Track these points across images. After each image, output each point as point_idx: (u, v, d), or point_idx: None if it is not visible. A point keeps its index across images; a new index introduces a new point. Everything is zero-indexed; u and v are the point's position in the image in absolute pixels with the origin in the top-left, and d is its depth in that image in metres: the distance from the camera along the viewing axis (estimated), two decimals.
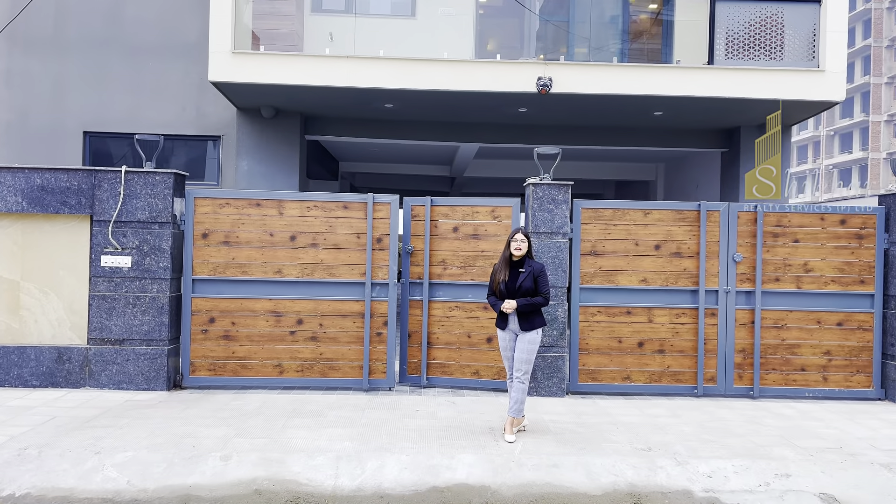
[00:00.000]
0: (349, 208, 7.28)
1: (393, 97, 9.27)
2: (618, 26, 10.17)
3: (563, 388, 7.14)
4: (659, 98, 9.06)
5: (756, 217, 7.28)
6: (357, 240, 7.25)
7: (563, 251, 7.15)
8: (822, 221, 7.31)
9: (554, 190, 7.15)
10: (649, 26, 10.42)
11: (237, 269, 7.20)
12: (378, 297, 7.24)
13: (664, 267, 7.29)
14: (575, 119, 10.46)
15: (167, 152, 10.67)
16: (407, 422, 6.03)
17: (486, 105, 9.63)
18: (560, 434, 5.77)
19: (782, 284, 7.29)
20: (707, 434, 5.86)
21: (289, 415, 6.18)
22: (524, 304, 5.51)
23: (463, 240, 7.37)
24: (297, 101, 9.68)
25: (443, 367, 7.40)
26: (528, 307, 5.52)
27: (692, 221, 7.30)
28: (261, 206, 7.24)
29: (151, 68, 10.55)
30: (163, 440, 5.36)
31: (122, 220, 6.97)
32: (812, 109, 9.35)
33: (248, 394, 6.97)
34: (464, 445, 5.40)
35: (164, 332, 6.97)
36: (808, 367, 7.28)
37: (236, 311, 7.19)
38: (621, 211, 7.31)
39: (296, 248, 7.23)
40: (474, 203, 7.39)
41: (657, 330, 7.27)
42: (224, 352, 7.18)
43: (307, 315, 7.21)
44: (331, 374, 7.23)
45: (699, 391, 7.22)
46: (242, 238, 7.21)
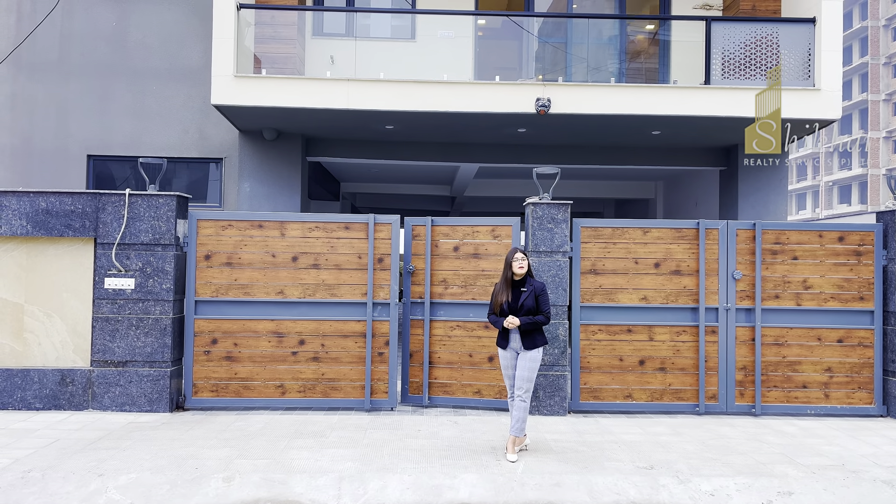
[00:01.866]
0: (351, 229, 7.34)
1: (393, 119, 9.37)
2: (615, 47, 10.32)
3: (565, 407, 7.15)
4: (656, 117, 9.15)
5: (755, 234, 7.33)
6: (358, 260, 7.30)
7: (564, 270, 7.20)
8: (821, 238, 7.36)
9: (553, 209, 7.22)
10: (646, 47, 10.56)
11: (239, 291, 7.25)
12: (380, 316, 7.27)
13: (664, 285, 7.33)
14: (574, 139, 10.56)
15: (170, 174, 10.76)
16: (409, 442, 6.04)
17: (485, 125, 9.73)
18: (562, 453, 5.78)
19: (782, 301, 7.32)
20: (709, 452, 5.86)
21: (291, 435, 6.19)
22: (527, 322, 5.54)
23: (464, 259, 7.42)
24: (298, 124, 9.79)
25: (444, 387, 7.42)
26: (531, 325, 5.56)
27: (691, 239, 7.36)
28: (263, 228, 7.30)
29: (154, 92, 10.68)
30: (166, 462, 5.37)
31: (125, 243, 7.03)
32: (808, 127, 9.44)
33: (250, 415, 6.98)
34: (466, 465, 5.41)
35: (167, 354, 7.00)
36: (809, 384, 7.29)
37: (239, 332, 7.23)
38: (620, 230, 7.36)
39: (298, 268, 7.28)
40: (474, 223, 7.45)
41: (658, 348, 7.29)
42: (226, 373, 7.21)
43: (309, 335, 7.25)
44: (333, 395, 7.24)
45: (701, 409, 7.22)
46: (245, 259, 7.27)
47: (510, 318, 5.54)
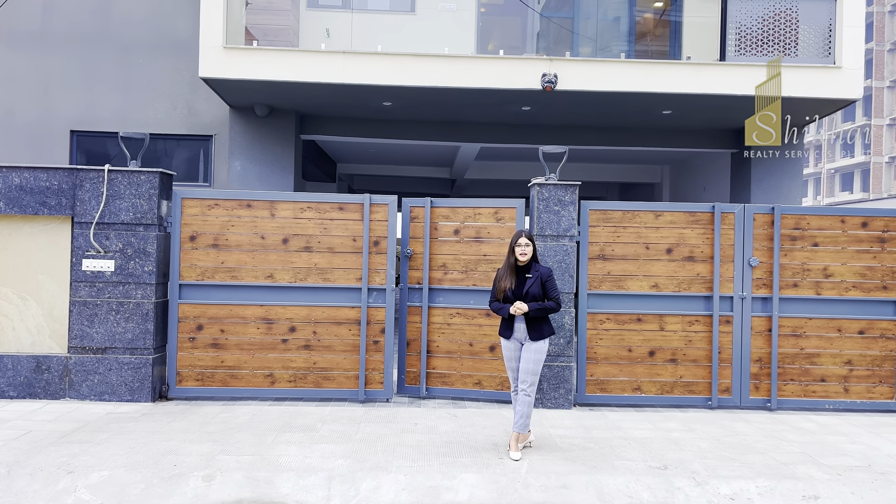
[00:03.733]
0: (345, 210, 6.91)
1: (391, 94, 8.91)
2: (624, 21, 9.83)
3: (570, 400, 6.77)
4: (668, 96, 8.70)
5: (773, 219, 6.91)
6: (353, 243, 6.88)
7: (570, 255, 6.79)
8: (843, 224, 6.94)
9: (560, 190, 6.79)
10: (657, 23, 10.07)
11: (226, 274, 6.83)
12: (375, 303, 6.87)
13: (676, 272, 6.92)
14: (580, 118, 10.11)
15: (158, 152, 10.31)
16: (405, 437, 5.65)
17: (488, 103, 9.28)
18: (568, 450, 5.40)
19: (801, 290, 6.92)
20: (725, 450, 5.49)
21: (279, 429, 5.81)
22: (536, 308, 5.14)
23: (464, 243, 7.01)
24: (291, 99, 9.33)
25: (443, 378, 7.03)
26: (540, 312, 5.15)
27: (706, 224, 6.94)
28: (251, 208, 6.87)
29: (141, 65, 10.20)
30: (142, 458, 4.98)
31: (104, 222, 6.60)
32: (828, 107, 9.00)
33: (237, 405, 6.59)
34: (466, 464, 5.03)
35: (149, 340, 6.60)
36: (827, 378, 6.91)
37: (225, 318, 6.82)
38: (631, 213, 6.94)
39: (288, 251, 6.86)
40: (476, 204, 7.03)
41: (669, 338, 6.90)
42: (212, 361, 6.81)
43: (300, 322, 6.84)
44: (325, 385, 6.85)
45: (713, 403, 6.85)
46: (232, 241, 6.84)
47: (518, 304, 5.13)
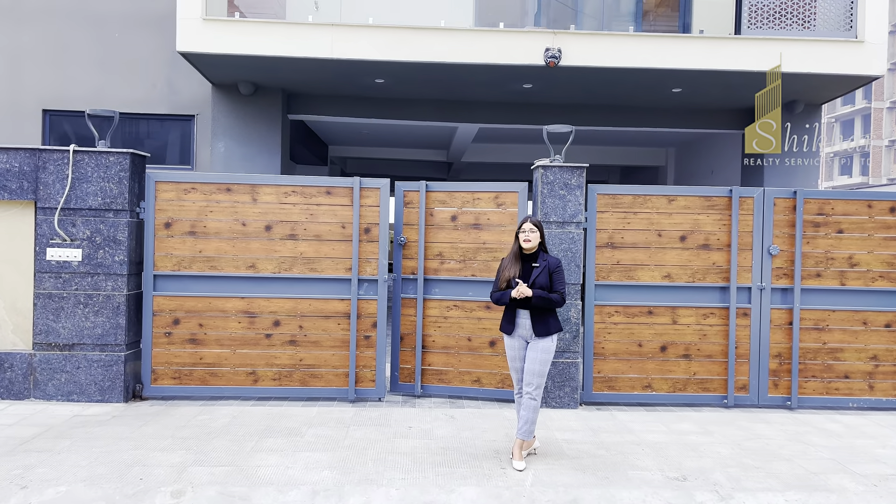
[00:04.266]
0: (333, 194, 6.38)
1: (383, 71, 8.35)
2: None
3: (576, 399, 6.29)
4: (679, 72, 8.16)
5: (795, 204, 6.41)
6: (342, 230, 6.36)
7: (577, 243, 6.28)
8: (870, 209, 6.45)
9: (567, 173, 6.27)
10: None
11: (205, 264, 6.31)
12: (366, 295, 6.36)
13: (690, 261, 6.43)
14: (584, 97, 9.55)
15: (137, 133, 9.73)
16: (398, 443, 5.17)
17: (487, 80, 8.72)
18: (577, 458, 4.92)
19: (824, 281, 6.43)
20: (748, 457, 5.02)
21: (260, 434, 5.32)
22: (540, 298, 4.63)
23: (462, 230, 6.49)
24: (277, 76, 8.75)
25: (439, 375, 6.54)
26: (544, 301, 4.65)
27: (722, 209, 6.43)
28: (231, 192, 6.34)
29: (118, 41, 9.59)
30: (106, 469, 4.49)
31: (70, 208, 6.06)
32: (848, 85, 8.47)
33: (217, 406, 6.10)
34: (465, 475, 4.55)
35: (121, 336, 6.09)
36: (851, 374, 6.45)
37: (204, 312, 6.31)
38: (642, 197, 6.43)
39: (272, 239, 6.34)
40: (475, 189, 6.50)
41: (682, 332, 6.42)
42: (190, 357, 6.30)
43: (285, 316, 6.34)
44: (312, 383, 6.36)
45: (729, 401, 6.38)
46: (211, 228, 6.31)
47: (521, 287, 4.61)
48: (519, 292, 4.60)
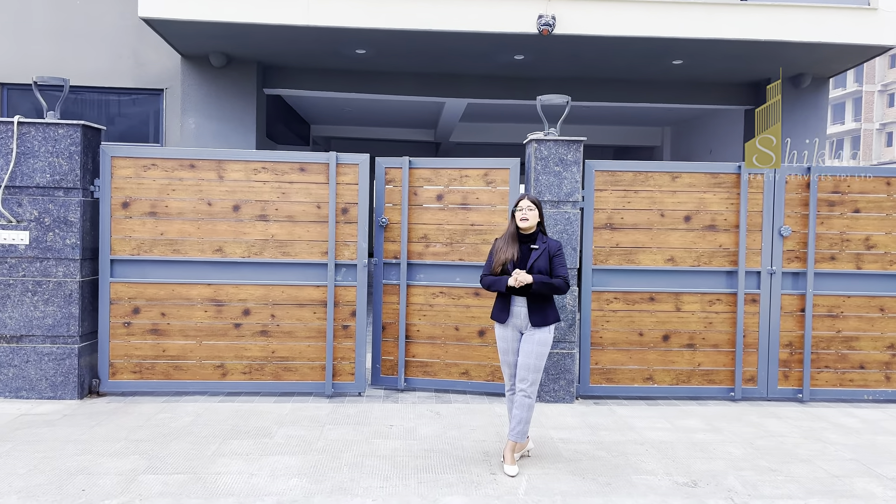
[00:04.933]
0: (307, 171, 5.83)
1: (365, 40, 7.77)
2: None
3: (572, 393, 5.82)
4: (680, 42, 7.64)
5: (809, 181, 5.93)
6: (317, 210, 5.83)
7: (573, 224, 5.78)
8: (888, 186, 5.98)
9: (562, 148, 5.75)
10: None
11: (167, 248, 5.76)
12: (344, 281, 5.84)
13: (695, 243, 5.94)
14: (579, 70, 9.02)
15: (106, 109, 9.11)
16: (377, 444, 4.68)
17: (475, 51, 8.16)
18: (575, 461, 4.45)
19: (838, 264, 5.97)
20: (762, 458, 4.57)
21: (226, 434, 4.81)
22: (540, 283, 4.13)
23: (449, 211, 5.97)
24: (251, 46, 8.15)
25: (424, 367, 6.05)
26: (545, 288, 4.15)
27: (730, 187, 5.94)
28: (196, 168, 5.78)
29: (80, 8, 8.93)
30: (45, 479, 3.97)
31: (16, 186, 5.49)
32: (859, 55, 7.98)
33: (181, 402, 5.58)
34: (451, 482, 4.06)
35: (74, 326, 5.55)
36: (867, 364, 6.01)
37: (167, 300, 5.77)
38: (644, 174, 5.93)
39: (240, 220, 5.80)
40: (463, 165, 5.98)
41: (686, 320, 5.95)
42: (152, 350, 5.77)
43: (256, 304, 5.81)
44: (286, 377, 5.85)
45: (737, 394, 5.93)
46: (173, 208, 5.76)
47: (518, 273, 4.11)
48: (518, 280, 4.09)
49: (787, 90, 8.89)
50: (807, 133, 8.89)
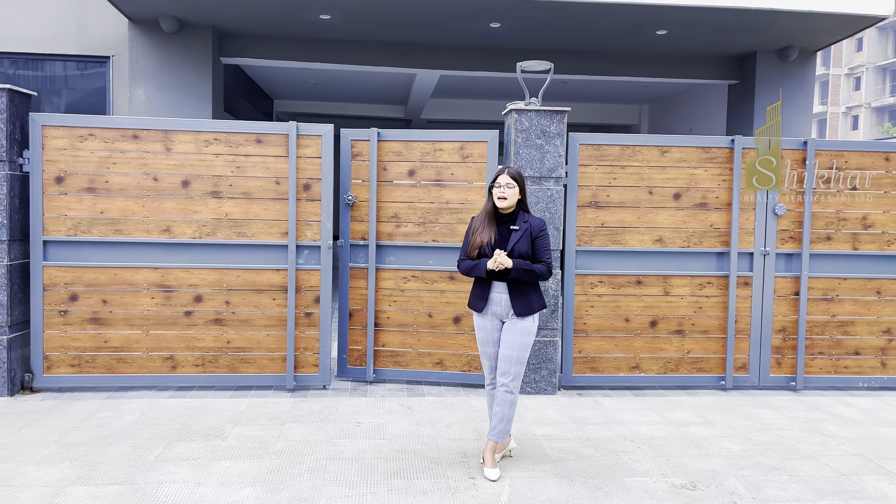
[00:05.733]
0: (264, 143, 5.28)
1: (330, 3, 7.18)
2: None
3: (554, 383, 5.41)
4: (668, 9, 7.20)
5: (805, 156, 5.57)
6: (276, 186, 5.29)
7: (556, 202, 5.34)
8: (887, 162, 5.65)
9: (545, 119, 5.29)
10: None
11: (108, 227, 5.18)
12: (306, 264, 5.33)
13: (685, 222, 5.55)
14: (558, 40, 8.54)
15: (48, 79, 8.38)
16: (343, 445, 4.21)
17: (448, 16, 7.62)
18: (562, 461, 4.04)
19: (835, 245, 5.64)
20: (762, 454, 4.21)
21: (173, 435, 4.30)
22: (521, 268, 3.67)
23: (422, 187, 5.48)
24: (205, 10, 7.51)
25: (395, 357, 5.58)
26: (526, 275, 3.69)
27: (722, 163, 5.55)
28: (139, 140, 5.19)
29: None
30: None
31: None
32: (850, 26, 7.64)
33: (125, 399, 5.04)
34: (425, 488, 3.62)
35: (3, 316, 4.96)
36: (862, 350, 5.71)
37: (109, 285, 5.20)
38: (631, 148, 5.50)
39: (190, 197, 5.24)
40: (437, 138, 5.49)
41: (675, 305, 5.57)
42: (93, 341, 5.21)
43: (208, 290, 5.27)
44: (243, 370, 5.34)
45: (728, 383, 5.59)
46: (115, 183, 5.17)
47: (499, 255, 3.64)
48: (497, 263, 3.63)
49: (773, 63, 8.53)
50: (793, 109, 8.56)
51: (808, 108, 8.61)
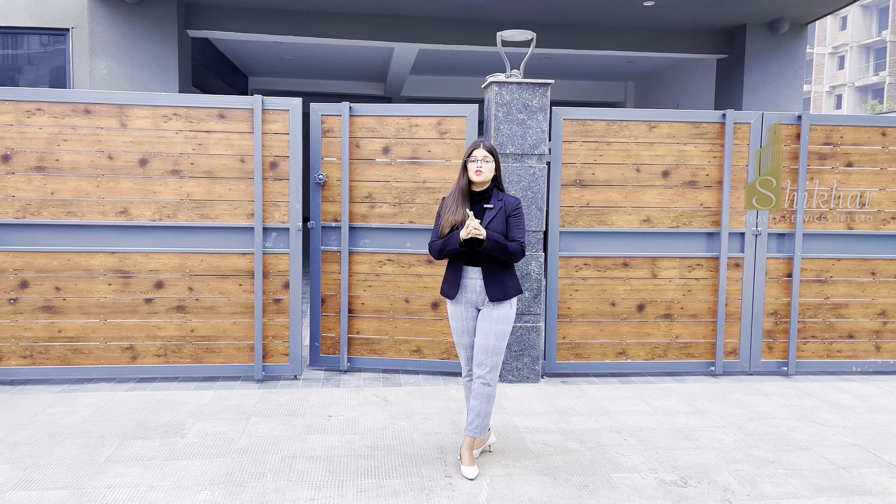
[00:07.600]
0: (228, 118, 4.94)
1: None
2: None
3: (537, 371, 5.16)
4: None
5: (799, 132, 5.31)
6: (241, 165, 4.96)
7: (539, 181, 5.06)
8: (884, 138, 5.41)
9: (527, 91, 4.98)
10: None
11: (60, 209, 4.83)
12: (274, 247, 5.01)
13: (674, 201, 5.29)
14: (542, 13, 8.20)
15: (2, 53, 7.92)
16: (312, 441, 3.93)
17: None
18: (544, 456, 3.79)
19: (828, 224, 5.41)
20: (756, 446, 3.99)
21: (128, 432, 4.00)
22: (494, 242, 3.36)
23: (397, 165, 5.17)
24: None
25: (371, 345, 5.30)
26: (499, 249, 3.38)
27: (713, 139, 5.29)
28: (92, 115, 4.82)
29: None
30: None
31: None
32: None
33: (81, 391, 4.73)
34: (397, 489, 3.36)
35: None
36: (856, 334, 5.51)
37: (62, 271, 4.86)
38: (618, 123, 5.21)
39: (149, 177, 4.89)
40: (413, 112, 5.17)
41: (663, 288, 5.33)
42: (45, 330, 4.88)
43: (170, 275, 4.95)
44: (208, 360, 5.03)
45: (717, 369, 5.37)
46: (66, 162, 4.81)
47: (472, 221, 3.32)
48: (470, 229, 3.31)
49: (763, 37, 8.25)
50: (783, 84, 8.31)
51: (799, 84, 8.36)
